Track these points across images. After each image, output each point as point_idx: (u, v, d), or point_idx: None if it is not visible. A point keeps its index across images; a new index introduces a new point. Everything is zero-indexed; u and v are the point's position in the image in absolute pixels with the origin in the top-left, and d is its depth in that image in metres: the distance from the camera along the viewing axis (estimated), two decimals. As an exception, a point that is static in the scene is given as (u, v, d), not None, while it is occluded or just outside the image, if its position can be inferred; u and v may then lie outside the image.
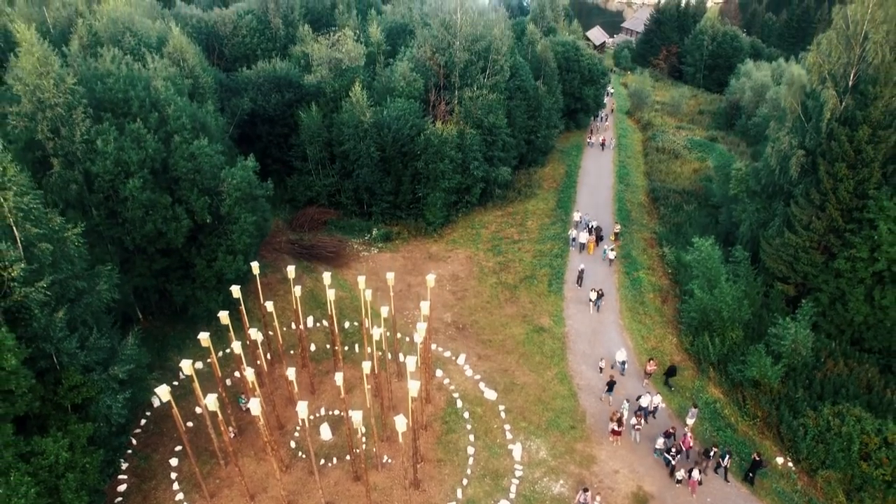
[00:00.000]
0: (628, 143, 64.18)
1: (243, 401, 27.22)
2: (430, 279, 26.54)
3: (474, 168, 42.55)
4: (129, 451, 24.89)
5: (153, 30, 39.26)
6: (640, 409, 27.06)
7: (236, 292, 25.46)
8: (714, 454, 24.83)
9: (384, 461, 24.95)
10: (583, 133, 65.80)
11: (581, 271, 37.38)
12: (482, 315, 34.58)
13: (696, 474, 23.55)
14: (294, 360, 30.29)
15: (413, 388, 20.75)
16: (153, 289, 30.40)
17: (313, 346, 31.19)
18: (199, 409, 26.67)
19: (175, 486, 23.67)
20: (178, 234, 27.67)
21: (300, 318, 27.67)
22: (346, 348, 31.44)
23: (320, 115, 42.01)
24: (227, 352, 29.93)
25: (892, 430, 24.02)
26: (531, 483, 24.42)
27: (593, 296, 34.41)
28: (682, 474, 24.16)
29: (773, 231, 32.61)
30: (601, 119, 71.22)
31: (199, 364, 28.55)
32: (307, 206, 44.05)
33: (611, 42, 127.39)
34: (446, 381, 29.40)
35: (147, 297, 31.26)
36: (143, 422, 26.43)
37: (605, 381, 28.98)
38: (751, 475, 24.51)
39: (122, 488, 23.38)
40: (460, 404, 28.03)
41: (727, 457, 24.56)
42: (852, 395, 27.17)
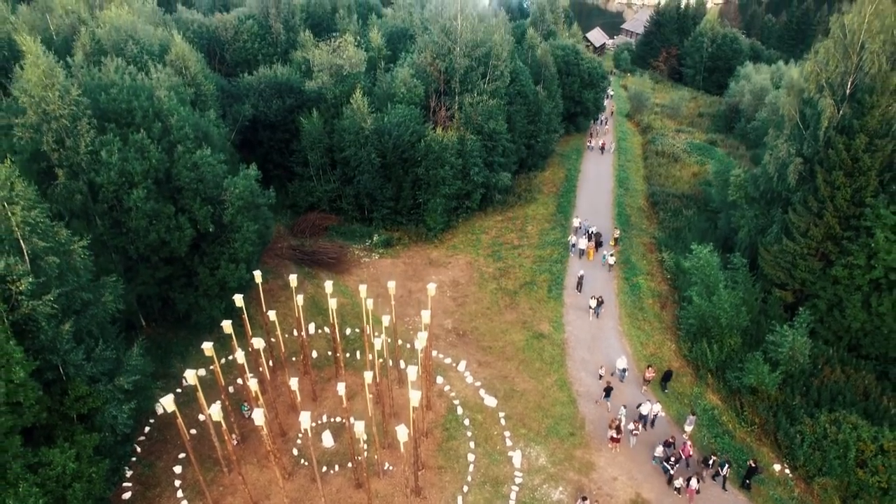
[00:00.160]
0: (628, 147, 64.38)
1: (246, 408, 27.49)
2: (432, 288, 26.75)
3: (475, 174, 42.79)
4: (134, 459, 25.18)
5: (155, 37, 39.46)
6: (641, 418, 27.38)
7: (239, 301, 25.67)
8: (713, 462, 25.12)
9: (386, 468, 25.24)
10: (583, 136, 66.01)
11: (581, 277, 37.61)
12: (482, 321, 34.86)
13: (695, 483, 23.82)
14: (296, 367, 30.59)
15: (414, 398, 21.02)
16: (156, 296, 30.68)
17: (315, 353, 31.48)
18: (202, 417, 26.98)
19: (179, 493, 23.97)
20: (181, 243, 27.95)
21: (302, 325, 27.97)
22: (348, 355, 31.71)
23: (321, 121, 42.25)
24: (230, 358, 30.19)
25: (887, 437, 24.33)
26: (531, 490, 24.71)
27: (593, 303, 34.64)
28: (680, 482, 24.44)
29: (771, 238, 32.87)
30: (601, 122, 71.38)
31: (201, 371, 28.83)
32: (308, 211, 44.33)
33: (611, 43, 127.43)
34: (447, 387, 29.68)
35: (150, 305, 31.54)
36: (147, 429, 26.71)
37: (603, 387, 29.24)
38: (747, 482, 24.83)
39: (126, 496, 23.67)
40: (461, 411, 28.32)
41: (726, 466, 24.85)
42: (849, 402, 27.47)
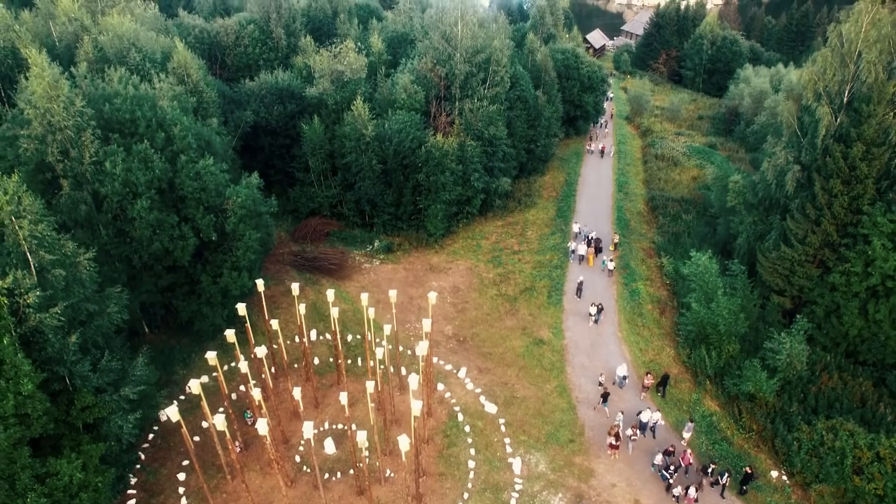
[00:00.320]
0: (627, 150, 64.59)
1: (249, 416, 27.78)
2: (432, 297, 27.02)
3: (475, 180, 43.04)
4: (138, 467, 25.49)
5: (157, 44, 39.68)
6: (641, 425, 27.64)
7: (242, 310, 25.94)
8: (712, 471, 25.39)
9: (387, 475, 25.52)
10: (582, 140, 66.21)
11: (580, 283, 37.84)
12: (483, 327, 35.12)
13: (693, 492, 24.06)
14: (298, 374, 30.86)
15: (416, 407, 21.30)
16: (159, 304, 30.99)
17: (317, 360, 31.75)
18: (205, 424, 27.25)
19: (183, 500, 24.28)
20: (184, 252, 28.23)
21: (304, 332, 28.24)
22: (349, 361, 31.99)
23: (322, 127, 42.51)
24: (233, 365, 30.46)
25: (884, 444, 24.56)
26: (530, 497, 24.98)
27: (593, 310, 34.87)
28: (678, 490, 24.70)
29: (769, 244, 33.13)
30: (601, 125, 71.58)
31: (204, 378, 28.98)
32: (309, 217, 44.62)
33: (611, 45, 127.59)
34: (447, 394, 29.96)
35: (153, 312, 31.86)
36: (151, 437, 27.01)
37: (601, 393, 29.47)
38: (744, 488, 25.11)
39: (131, 503, 23.97)
40: (461, 418, 28.60)
41: (726, 474, 25.12)
42: (846, 408, 27.74)
